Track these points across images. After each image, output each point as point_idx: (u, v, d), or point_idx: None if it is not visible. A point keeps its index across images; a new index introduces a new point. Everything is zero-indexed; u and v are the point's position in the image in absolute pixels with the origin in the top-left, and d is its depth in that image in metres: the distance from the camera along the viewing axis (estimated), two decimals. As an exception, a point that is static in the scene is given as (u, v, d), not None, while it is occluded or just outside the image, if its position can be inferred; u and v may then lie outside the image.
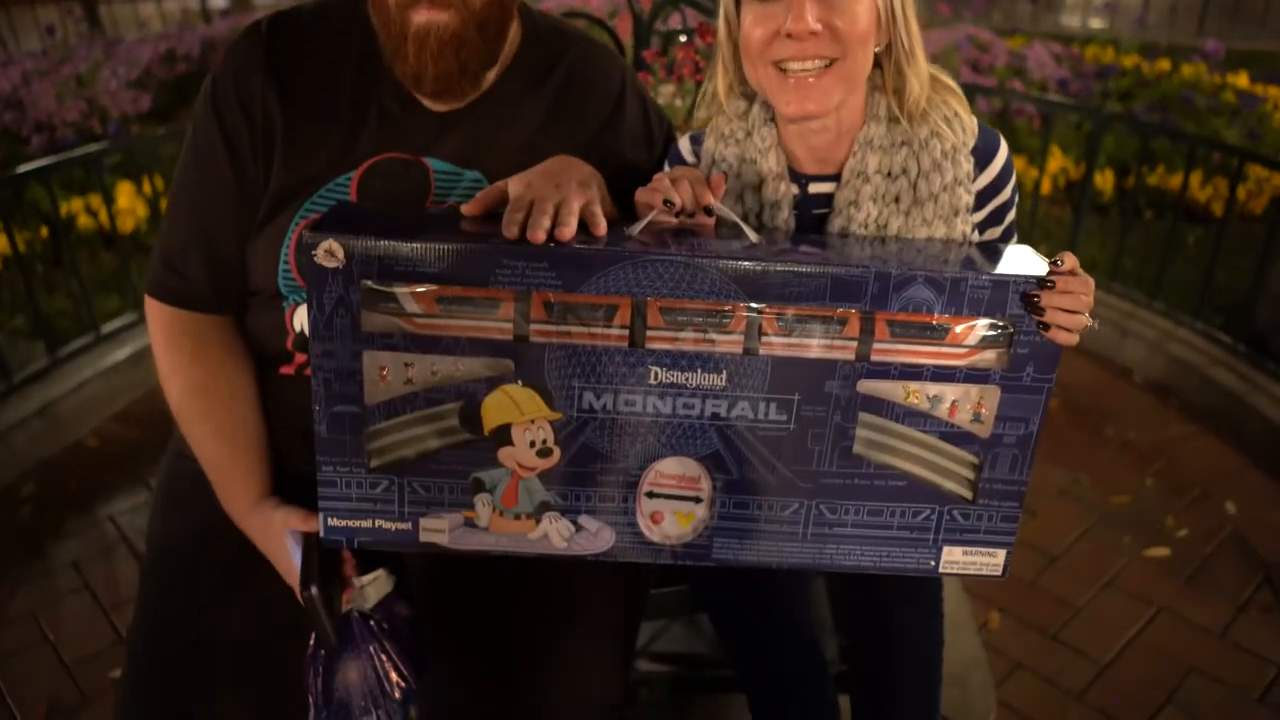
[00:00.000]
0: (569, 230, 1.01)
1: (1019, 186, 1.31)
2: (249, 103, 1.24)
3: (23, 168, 2.95)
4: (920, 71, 1.18)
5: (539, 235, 0.99)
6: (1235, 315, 3.18)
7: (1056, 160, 4.28)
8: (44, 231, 3.94)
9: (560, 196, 1.06)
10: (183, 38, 6.03)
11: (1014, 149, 4.18)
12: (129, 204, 4.05)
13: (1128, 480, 2.72)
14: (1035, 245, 3.49)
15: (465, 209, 1.11)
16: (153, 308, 1.31)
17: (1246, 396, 2.89)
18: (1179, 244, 3.47)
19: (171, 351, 1.30)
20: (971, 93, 3.95)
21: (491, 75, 1.27)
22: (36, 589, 2.34)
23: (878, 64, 1.21)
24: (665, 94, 1.99)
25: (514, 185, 1.11)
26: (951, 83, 1.24)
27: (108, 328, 3.21)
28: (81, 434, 2.95)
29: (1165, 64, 5.45)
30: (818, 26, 1.10)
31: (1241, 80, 5.24)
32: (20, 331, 3.34)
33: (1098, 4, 7.86)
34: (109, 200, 3.30)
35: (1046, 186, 3.97)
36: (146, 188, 3.84)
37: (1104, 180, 4.22)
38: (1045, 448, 1.16)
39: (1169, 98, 5.00)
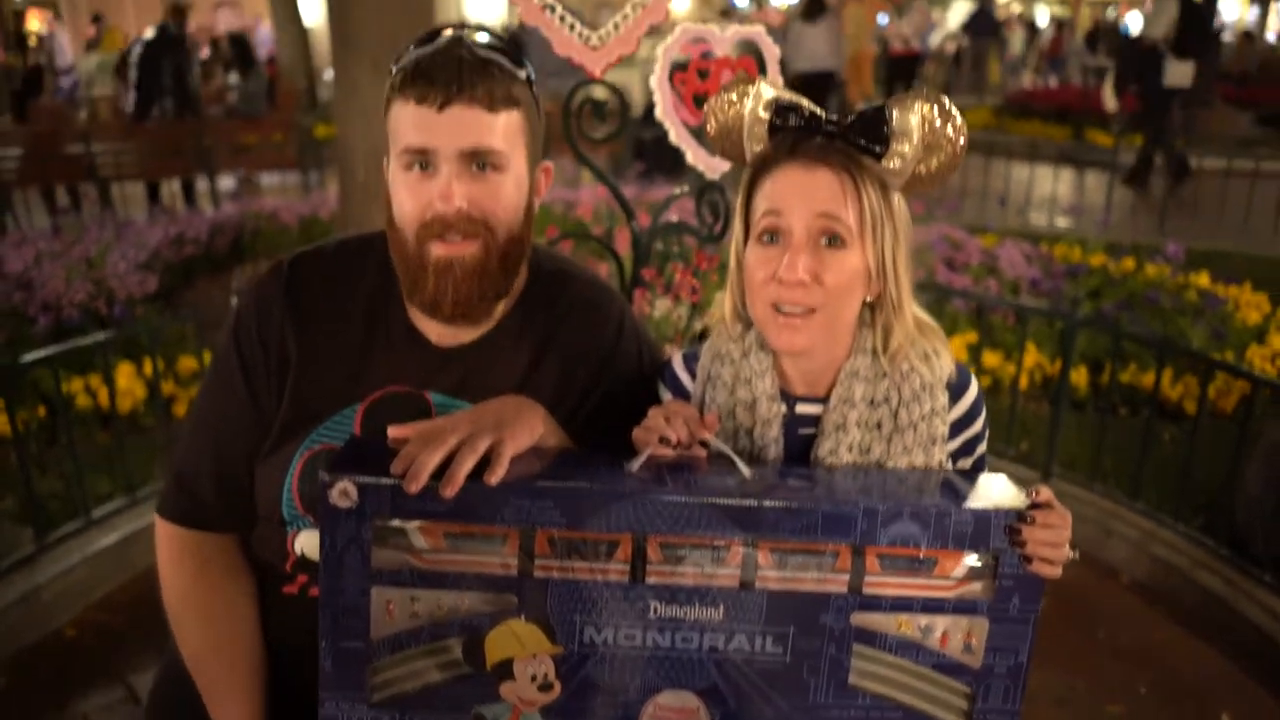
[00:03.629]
0: (450, 489, 1.03)
1: (997, 382, 1.39)
2: (267, 335, 1.32)
3: (27, 356, 3.02)
4: (906, 321, 1.28)
5: (411, 487, 1.02)
6: (1215, 515, 3.23)
7: (1031, 356, 4.43)
8: (41, 411, 3.99)
9: (462, 439, 1.08)
10: (192, 221, 6.28)
11: (989, 345, 4.27)
12: (128, 384, 4.11)
13: (1122, 688, 2.69)
14: (1015, 441, 3.50)
15: (392, 431, 1.15)
16: (162, 528, 1.36)
17: (1233, 601, 2.90)
18: (1155, 441, 3.56)
19: (174, 570, 1.34)
20: (948, 293, 4.14)
21: (500, 308, 1.36)
22: (1, 792, 2.25)
23: (868, 305, 1.31)
24: (661, 307, 2.11)
25: (437, 420, 1.15)
26: (935, 325, 1.34)
27: (99, 511, 3.20)
28: (61, 623, 2.89)
29: (1130, 263, 5.74)
30: (806, 277, 1.20)
31: (1203, 279, 5.50)
32: (9, 514, 3.33)
33: (1063, 205, 8.33)
34: (110, 383, 3.37)
35: (1024, 382, 4.10)
36: (147, 368, 3.92)
37: (1079, 376, 4.36)
38: (1038, 650, 1.18)
39: (1136, 296, 5.23)
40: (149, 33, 9.02)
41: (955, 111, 1.18)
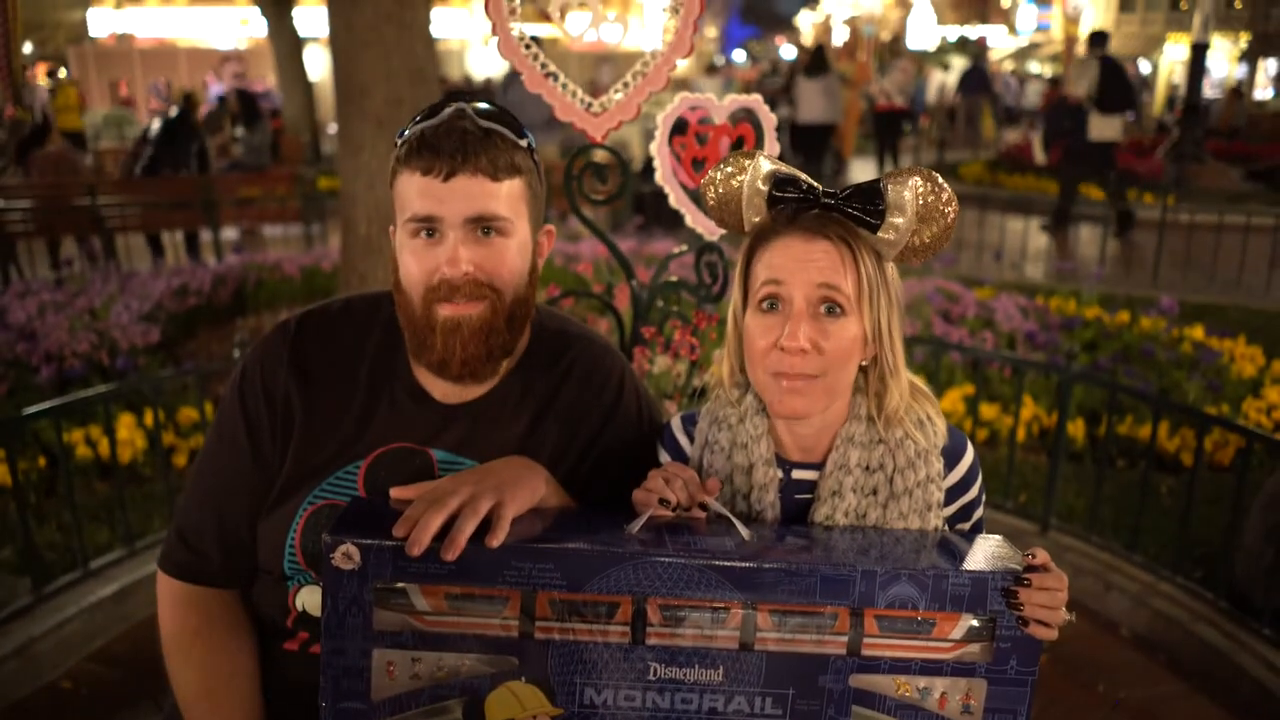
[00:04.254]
0: (451, 552, 1.05)
1: (994, 434, 1.41)
2: (272, 392, 1.35)
3: (30, 409, 3.04)
4: (902, 384, 1.31)
5: (413, 550, 1.04)
6: (1213, 568, 3.23)
7: (1029, 408, 4.46)
8: (41, 461, 4.00)
9: (463, 501, 1.10)
10: (195, 273, 6.33)
11: (987, 397, 4.26)
12: (128, 435, 4.13)
13: (1122, 744, 2.67)
14: (1013, 493, 3.49)
15: (394, 492, 1.18)
16: (164, 582, 1.37)
17: (1233, 655, 2.89)
18: (1153, 493, 3.57)
19: (176, 627, 1.35)
20: (945, 346, 4.17)
21: (504, 367, 1.39)
22: None
23: (863, 370, 1.34)
24: (661, 364, 2.14)
25: (440, 482, 1.18)
26: (928, 390, 1.36)
27: (97, 562, 3.19)
28: (57, 675, 2.87)
29: (1125, 316, 5.79)
30: (807, 345, 1.23)
31: (1198, 332, 5.55)
32: (6, 564, 3.32)
33: (1057, 258, 8.42)
34: (110, 433, 3.39)
35: (1021, 434, 4.12)
36: (148, 419, 3.94)
37: (1075, 428, 4.38)
38: (1040, 705, 1.19)
39: (1131, 349, 5.27)
40: (164, 114, 9.36)
41: (946, 185, 1.22)
